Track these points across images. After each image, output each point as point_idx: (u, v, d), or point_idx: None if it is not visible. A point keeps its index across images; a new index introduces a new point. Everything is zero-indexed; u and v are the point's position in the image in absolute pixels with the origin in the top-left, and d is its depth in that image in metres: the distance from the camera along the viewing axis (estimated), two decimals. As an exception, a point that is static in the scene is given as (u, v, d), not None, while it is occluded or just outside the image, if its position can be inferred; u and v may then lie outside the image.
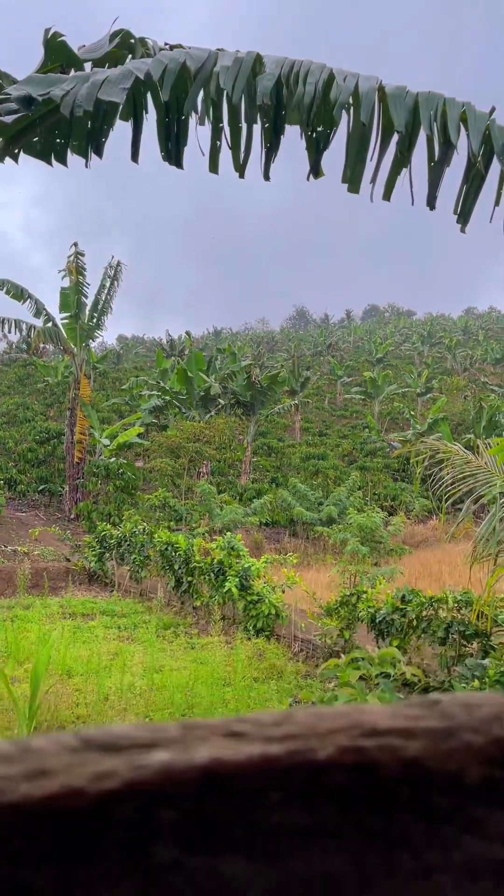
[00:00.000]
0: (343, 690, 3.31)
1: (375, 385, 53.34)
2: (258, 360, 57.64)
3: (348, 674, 3.37)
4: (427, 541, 28.93)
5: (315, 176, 3.10)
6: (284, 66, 2.83)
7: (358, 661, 3.36)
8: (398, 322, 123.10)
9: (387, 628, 10.46)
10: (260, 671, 10.44)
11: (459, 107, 2.76)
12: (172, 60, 2.63)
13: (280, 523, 28.19)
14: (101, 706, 8.45)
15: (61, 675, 9.52)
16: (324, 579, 18.00)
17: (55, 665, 9.71)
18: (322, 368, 73.01)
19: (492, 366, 74.55)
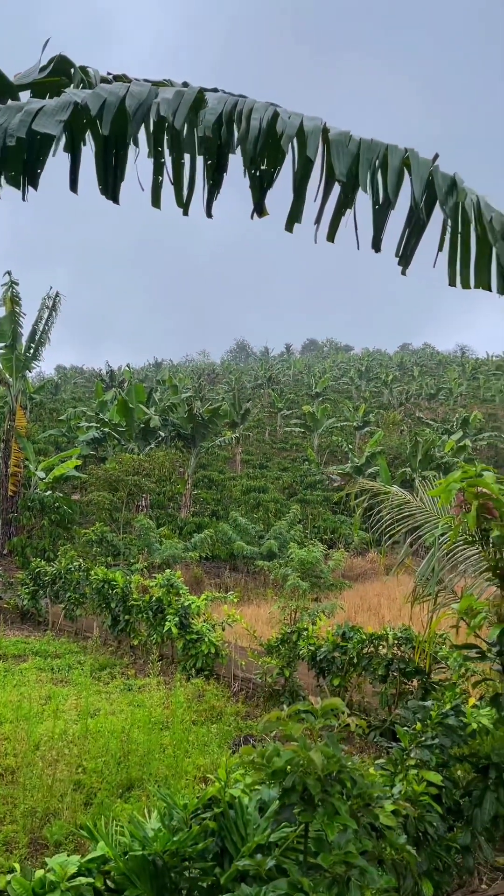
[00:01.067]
0: (286, 745, 3.17)
1: (314, 418, 53.96)
2: (199, 393, 57.68)
3: (291, 727, 3.23)
4: (366, 573, 29.12)
5: (259, 215, 3.05)
6: (227, 102, 2.78)
7: (301, 712, 3.22)
8: (336, 356, 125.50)
9: (327, 666, 10.35)
10: (199, 713, 10.14)
11: (402, 153, 2.76)
12: (111, 94, 2.54)
13: (220, 557, 27.91)
14: (32, 756, 8.01)
15: (-11, 722, 9.04)
16: (264, 614, 17.81)
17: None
18: (262, 401, 73.58)
19: (426, 401, 76.50)
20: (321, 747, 3.17)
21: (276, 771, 3.24)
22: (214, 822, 3.96)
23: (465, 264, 3.05)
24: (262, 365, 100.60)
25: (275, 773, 3.25)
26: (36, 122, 2.41)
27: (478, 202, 2.86)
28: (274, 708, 10.85)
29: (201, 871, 3.82)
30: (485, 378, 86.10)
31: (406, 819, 4.76)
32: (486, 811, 5.24)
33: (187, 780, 7.54)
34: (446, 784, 5.18)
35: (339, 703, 3.29)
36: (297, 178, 2.87)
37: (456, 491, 4.17)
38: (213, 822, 3.93)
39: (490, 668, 4.35)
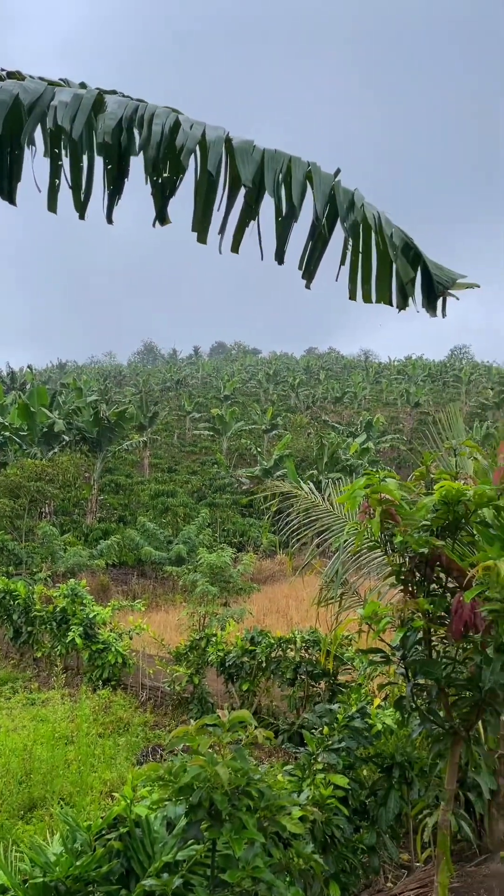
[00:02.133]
0: (193, 760, 3.12)
1: (223, 421, 54.07)
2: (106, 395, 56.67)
3: (198, 741, 3.18)
4: (275, 576, 29.39)
5: (161, 223, 2.98)
6: (128, 107, 2.71)
7: (208, 726, 3.18)
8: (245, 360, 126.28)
9: (236, 671, 10.36)
10: (105, 725, 9.91)
11: (305, 166, 2.77)
12: (4, 92, 2.43)
13: (128, 564, 27.48)
14: None
15: None
16: (173, 621, 17.65)
17: None
18: (171, 404, 73.10)
19: (332, 404, 78.15)
20: (228, 761, 3.13)
21: (183, 787, 3.18)
22: (120, 842, 3.85)
23: (366, 279, 3.10)
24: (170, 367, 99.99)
25: (181, 789, 3.19)
26: None
27: (378, 218, 2.91)
28: (183, 715, 10.77)
29: (106, 894, 3.71)
30: (387, 382, 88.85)
31: (314, 824, 4.81)
32: (390, 810, 5.37)
33: (93, 797, 7.36)
34: (353, 786, 5.26)
35: (247, 714, 3.27)
36: (199, 188, 2.83)
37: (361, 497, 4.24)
38: (118, 843, 3.83)
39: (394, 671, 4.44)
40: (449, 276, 3.15)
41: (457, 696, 4.06)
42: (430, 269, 3.14)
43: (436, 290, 3.12)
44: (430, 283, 3.12)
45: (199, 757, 3.20)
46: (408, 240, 3.05)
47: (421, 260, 3.15)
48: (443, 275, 3.14)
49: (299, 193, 2.75)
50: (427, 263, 3.14)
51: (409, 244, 3.06)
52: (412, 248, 3.13)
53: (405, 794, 5.48)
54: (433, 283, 3.10)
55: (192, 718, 10.59)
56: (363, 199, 2.85)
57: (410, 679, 4.08)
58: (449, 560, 4.04)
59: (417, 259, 3.10)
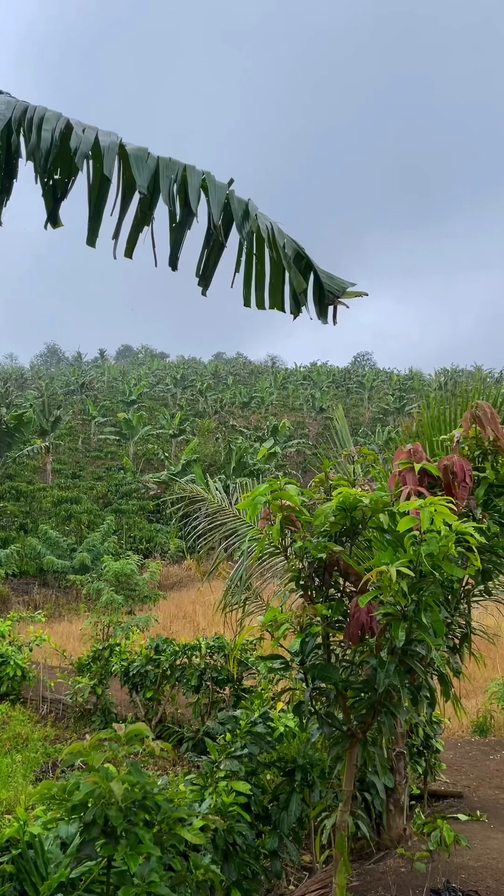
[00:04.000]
0: (86, 777, 3.05)
1: (130, 426, 53.41)
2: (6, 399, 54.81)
3: (92, 757, 3.11)
4: (182, 581, 29.27)
5: (53, 226, 2.91)
6: (17, 108, 2.63)
7: (104, 741, 3.11)
8: (152, 363, 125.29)
9: (141, 680, 10.22)
10: (2, 742, 9.54)
11: (199, 175, 2.77)
12: None
13: (29, 573, 26.65)
14: None
15: None
16: (76, 631, 17.24)
17: None
18: (75, 408, 71.52)
19: (240, 409, 78.67)
20: (124, 776, 3.08)
21: (77, 805, 3.10)
22: (12, 864, 3.71)
23: (259, 286, 3.14)
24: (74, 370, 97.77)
25: (75, 807, 3.11)
26: None
27: (271, 228, 2.95)
28: (85, 728, 10.52)
29: (-2, 921, 3.56)
30: (293, 388, 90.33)
31: (216, 833, 4.79)
32: (292, 813, 5.42)
33: (-11, 818, 7.05)
34: (255, 791, 5.28)
35: (144, 727, 3.22)
36: (92, 193, 2.77)
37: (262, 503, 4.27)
38: (10, 866, 3.69)
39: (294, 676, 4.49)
40: (339, 286, 3.23)
41: (354, 698, 4.15)
42: (322, 278, 3.21)
43: (326, 299, 3.19)
44: (322, 292, 3.19)
45: (94, 773, 3.13)
46: (300, 250, 3.11)
47: (312, 269, 3.21)
48: (333, 284, 3.22)
49: (195, 201, 2.75)
50: (318, 273, 3.21)
51: (300, 254, 3.12)
52: (304, 257, 3.19)
53: (307, 797, 5.55)
54: (324, 292, 3.17)
55: (94, 730, 10.35)
56: (256, 209, 2.89)
57: (309, 684, 4.14)
58: (346, 565, 4.13)
59: (309, 269, 3.17)
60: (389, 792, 5.56)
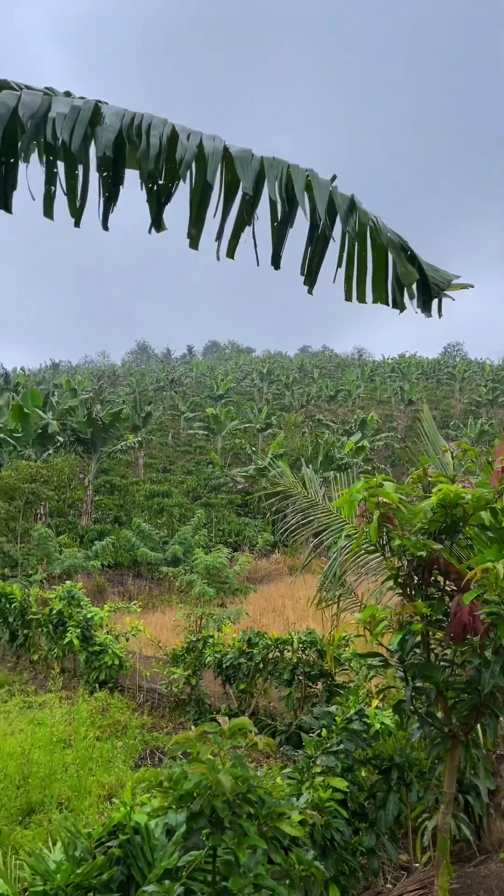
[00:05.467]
0: (194, 767, 3.12)
1: (218, 421, 54.05)
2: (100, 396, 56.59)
3: (198, 749, 3.17)
4: (270, 575, 29.42)
5: (157, 230, 2.98)
6: (125, 117, 2.70)
7: (208, 733, 3.17)
8: (238, 359, 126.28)
9: (234, 673, 10.37)
10: (103, 728, 9.89)
11: (303, 173, 2.77)
12: (1, 104, 2.41)
13: (124, 565, 27.44)
14: None
15: None
16: (169, 622, 17.64)
17: None
18: (165, 403, 73.02)
19: (326, 402, 78.22)
20: (229, 769, 3.13)
21: (184, 795, 3.17)
22: (120, 849, 3.85)
23: (362, 281, 3.11)
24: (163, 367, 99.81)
25: (182, 796, 3.19)
26: None
27: (375, 222, 2.92)
28: (180, 717, 10.77)
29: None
30: (381, 380, 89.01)
31: (313, 827, 4.81)
32: (389, 812, 5.37)
33: (91, 801, 7.34)
34: (351, 788, 5.26)
35: (247, 722, 3.26)
36: (195, 197, 2.82)
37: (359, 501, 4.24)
38: (118, 850, 3.82)
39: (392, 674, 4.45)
40: (444, 278, 3.16)
41: (455, 699, 4.07)
42: (426, 270, 3.15)
43: (431, 292, 3.13)
44: (426, 285, 3.13)
45: (199, 764, 3.20)
46: (403, 242, 3.06)
47: (416, 262, 3.16)
48: (438, 276, 3.16)
49: (299, 199, 2.76)
50: (422, 265, 3.15)
51: (404, 246, 3.08)
52: (407, 249, 3.14)
53: (404, 796, 5.48)
54: (429, 285, 3.12)
55: (189, 720, 10.59)
56: (361, 203, 2.86)
57: (409, 682, 4.09)
58: (447, 563, 4.05)
59: (413, 261, 3.11)
60: (491, 795, 5.42)
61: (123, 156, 2.70)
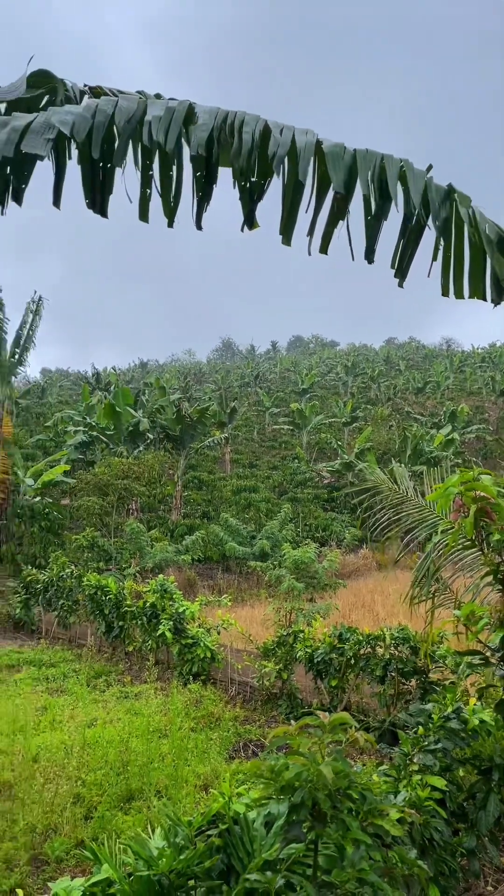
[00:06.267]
0: (294, 759, 3.14)
1: (303, 416, 53.97)
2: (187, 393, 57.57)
3: (299, 742, 3.19)
4: (359, 570, 29.16)
5: (250, 227, 2.99)
6: (218, 116, 2.73)
7: (308, 727, 3.18)
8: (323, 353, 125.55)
9: (325, 668, 10.34)
10: (197, 720, 10.08)
11: (397, 164, 2.72)
12: (100, 112, 2.49)
13: (213, 559, 27.84)
14: (30, 769, 7.95)
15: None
16: (258, 616, 17.77)
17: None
18: (250, 399, 73.50)
19: (413, 395, 76.70)
20: (330, 762, 3.13)
21: (285, 786, 3.20)
22: (220, 838, 3.91)
23: (458, 275, 3.03)
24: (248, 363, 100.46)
25: (283, 788, 3.21)
26: (25, 142, 2.35)
27: (472, 213, 2.83)
28: (272, 711, 10.83)
29: (208, 889, 3.78)
30: (471, 371, 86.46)
31: (412, 826, 4.75)
32: (490, 813, 5.24)
33: (188, 790, 7.49)
34: (450, 788, 5.16)
35: (348, 717, 3.26)
36: (287, 193, 2.82)
37: (454, 495, 4.15)
38: (218, 839, 3.89)
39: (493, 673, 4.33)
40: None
41: None
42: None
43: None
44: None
45: (299, 756, 3.22)
46: (502, 233, 2.96)
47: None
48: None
49: (392, 191, 2.71)
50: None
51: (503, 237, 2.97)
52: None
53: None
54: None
55: (281, 714, 10.65)
56: (457, 193, 2.79)
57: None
58: (550, 559, 3.91)
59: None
60: None
61: (216, 154, 2.73)
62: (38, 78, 3.14)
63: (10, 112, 3.21)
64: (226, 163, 3.01)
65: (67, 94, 3.19)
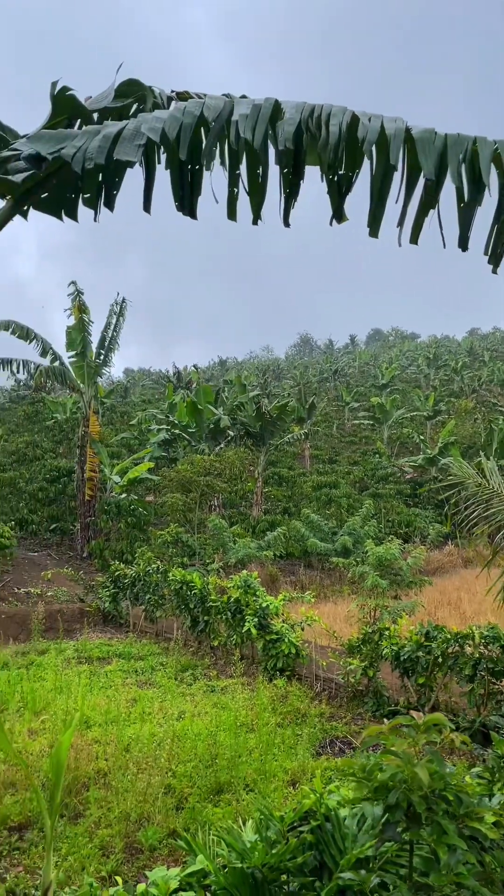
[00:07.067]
0: (388, 759, 3.10)
1: (383, 410, 53.24)
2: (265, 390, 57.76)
3: (393, 742, 3.15)
4: (443, 567, 28.57)
5: (338, 221, 2.97)
6: (304, 110, 2.72)
7: (402, 726, 3.14)
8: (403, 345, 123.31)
9: (412, 666, 10.18)
10: (283, 715, 10.12)
11: (491, 146, 2.64)
12: (188, 114, 2.52)
13: (294, 555, 27.86)
14: (123, 759, 8.17)
15: (79, 726, 9.26)
16: (341, 612, 17.68)
17: (72, 715, 9.45)
18: (328, 395, 73.04)
19: (499, 387, 74.34)
20: (425, 763, 3.08)
21: (379, 786, 3.17)
22: (312, 835, 3.91)
23: None
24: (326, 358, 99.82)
25: (377, 788, 3.18)
26: (118, 149, 2.41)
27: None
28: (358, 708, 10.75)
29: (300, 885, 3.78)
30: None
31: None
32: None
33: (276, 784, 7.53)
34: (549, 793, 4.98)
35: (443, 718, 3.19)
36: (376, 183, 2.78)
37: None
38: (310, 836, 3.89)
39: None
40: None
41: None
42: None
43: None
44: None
45: (392, 756, 3.18)
46: None
47: None
48: None
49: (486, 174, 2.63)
50: None
51: None
52: None
53: None
54: None
55: (368, 712, 10.55)
56: None
57: None
58: None
59: None
60: None
61: (303, 149, 2.72)
62: (128, 87, 3.21)
63: (102, 121, 3.30)
64: (312, 160, 3.00)
65: (155, 100, 3.25)
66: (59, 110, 3.21)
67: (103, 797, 7.23)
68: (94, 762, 8.16)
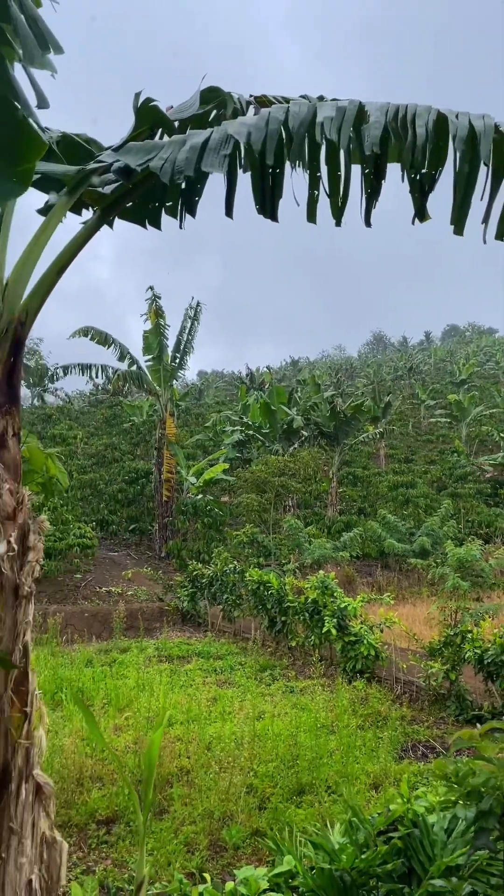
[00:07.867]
0: (481, 765, 3.04)
1: (461, 407, 51.99)
2: (339, 389, 57.36)
3: (485, 746, 3.08)
4: (527, 569, 27.64)
5: (421, 219, 2.94)
6: (389, 111, 2.70)
7: (496, 731, 3.07)
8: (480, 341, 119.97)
9: (496, 670, 9.93)
10: (363, 717, 10.04)
11: None
12: (273, 120, 2.55)
13: (371, 556, 27.54)
14: (205, 757, 8.29)
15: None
16: (420, 614, 17.37)
17: (154, 712, 9.65)
18: (403, 393, 71.85)
19: None
20: (518, 771, 3.00)
21: (471, 791, 3.11)
22: (401, 841, 3.87)
23: None
24: (401, 355, 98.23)
25: (469, 793, 3.13)
26: (204, 161, 2.46)
27: None
28: (440, 712, 10.55)
29: (389, 890, 3.75)
30: None
31: None
32: None
33: (358, 787, 7.48)
34: None
35: (535, 724, 3.11)
36: (460, 180, 2.73)
37: None
38: (400, 842, 3.85)
39: None
40: None
41: None
42: None
43: None
44: None
45: (486, 761, 3.11)
46: None
47: None
48: None
49: None
50: None
51: None
52: None
53: None
54: None
55: (450, 716, 10.34)
56: None
57: None
58: None
59: None
60: None
61: (387, 151, 2.70)
62: (208, 93, 3.27)
63: (182, 128, 3.37)
64: (393, 157, 2.97)
65: (235, 106, 3.30)
66: (142, 121, 3.30)
67: (186, 794, 7.35)
68: (176, 760, 8.30)
